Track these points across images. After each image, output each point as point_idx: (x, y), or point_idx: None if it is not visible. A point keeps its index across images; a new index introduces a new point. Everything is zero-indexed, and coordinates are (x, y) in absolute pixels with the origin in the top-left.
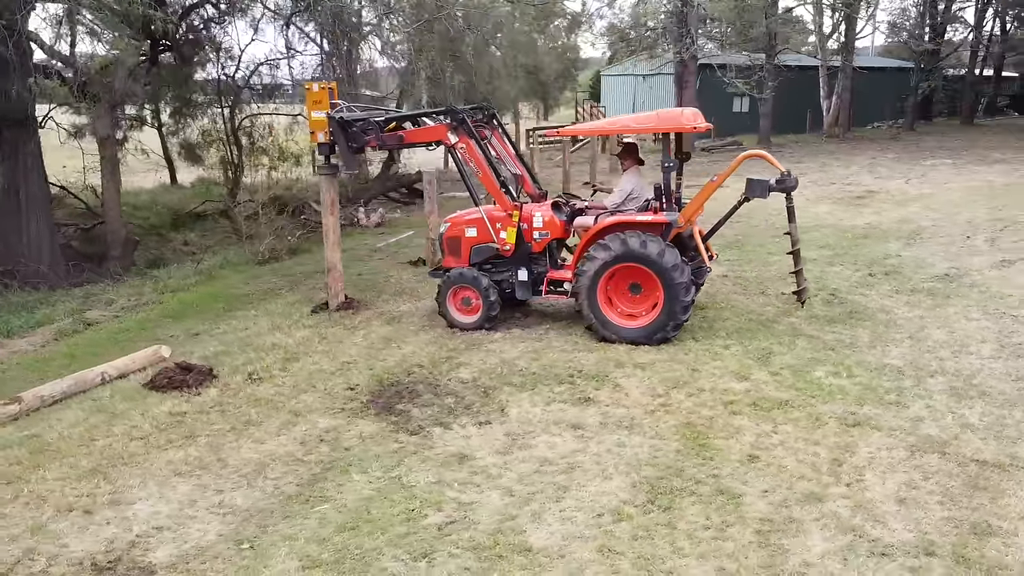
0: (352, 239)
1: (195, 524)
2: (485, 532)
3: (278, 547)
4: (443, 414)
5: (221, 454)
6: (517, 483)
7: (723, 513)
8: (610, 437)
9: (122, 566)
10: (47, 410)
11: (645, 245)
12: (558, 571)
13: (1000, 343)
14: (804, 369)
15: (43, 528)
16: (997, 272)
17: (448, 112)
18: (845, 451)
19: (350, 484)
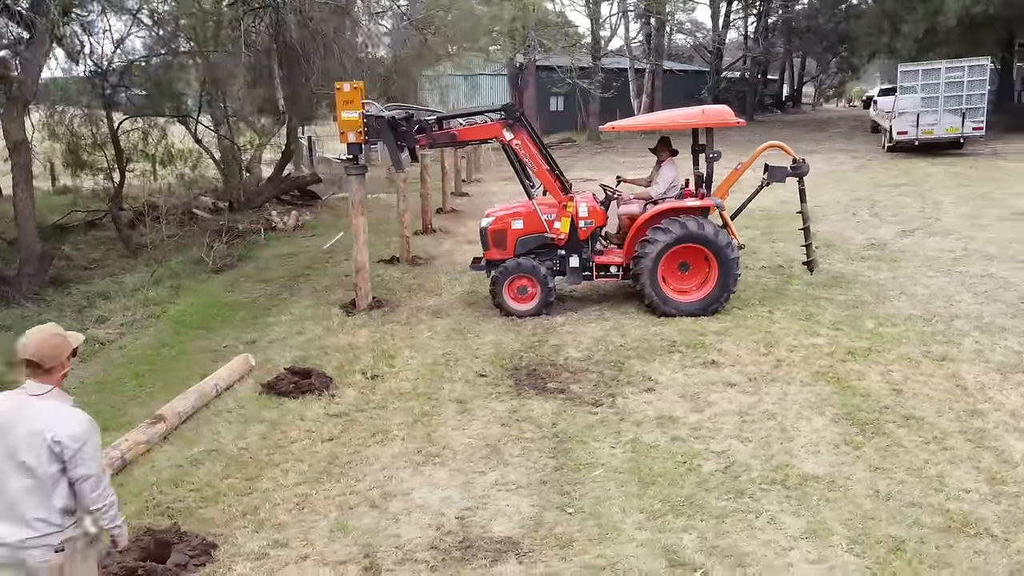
0: (290, 243)
1: (500, 500)
2: (766, 470)
3: (599, 506)
4: (601, 387)
5: (434, 443)
6: (740, 432)
7: (925, 432)
8: (770, 388)
9: (480, 540)
10: (189, 426)
11: (702, 227)
12: (863, 486)
13: (972, 292)
14: (854, 324)
15: (348, 526)
16: (908, 240)
17: (504, 109)
18: (954, 378)
19: (598, 451)
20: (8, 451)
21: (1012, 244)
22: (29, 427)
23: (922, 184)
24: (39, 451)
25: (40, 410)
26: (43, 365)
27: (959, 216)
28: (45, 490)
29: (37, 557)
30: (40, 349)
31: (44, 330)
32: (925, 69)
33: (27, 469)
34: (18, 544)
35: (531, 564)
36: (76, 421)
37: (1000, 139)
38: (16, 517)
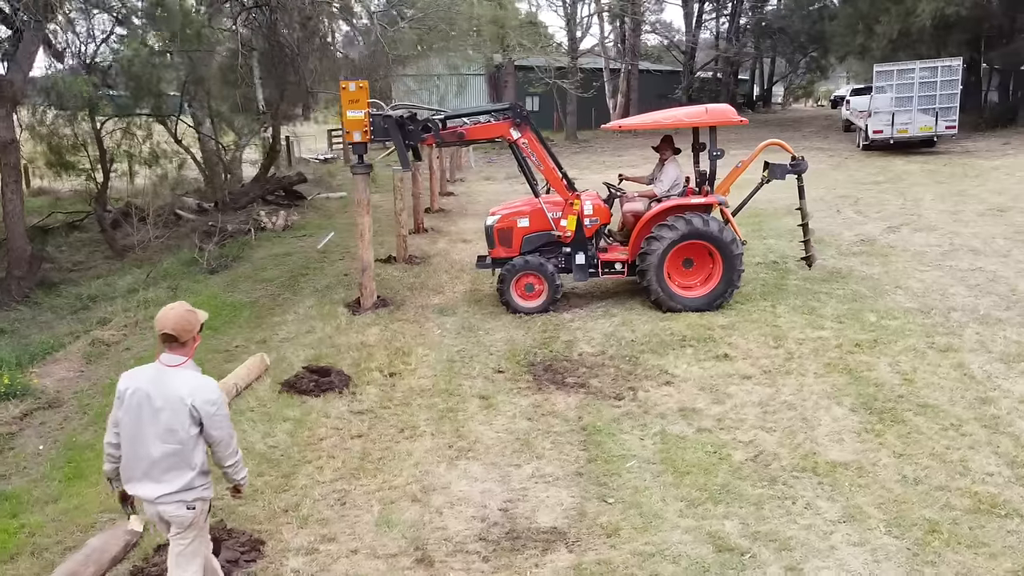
0: (281, 243)
1: (539, 492)
2: (795, 458)
3: (638, 496)
4: (620, 381)
5: (464, 438)
6: (763, 422)
7: (941, 419)
8: (786, 380)
9: (527, 531)
10: None
11: (707, 223)
12: (890, 472)
13: (965, 285)
14: (856, 317)
15: (393, 520)
16: (895, 235)
17: (511, 109)
18: (960, 368)
19: (627, 443)
20: (151, 416)
21: (995, 239)
22: (170, 394)
23: (900, 181)
24: (181, 416)
25: (179, 379)
26: (179, 338)
27: (940, 212)
28: (185, 451)
29: (171, 511)
30: (177, 324)
31: (177, 307)
32: (899, 69)
33: (170, 432)
34: (157, 499)
35: (581, 553)
36: (211, 388)
37: (970, 138)
38: (157, 476)
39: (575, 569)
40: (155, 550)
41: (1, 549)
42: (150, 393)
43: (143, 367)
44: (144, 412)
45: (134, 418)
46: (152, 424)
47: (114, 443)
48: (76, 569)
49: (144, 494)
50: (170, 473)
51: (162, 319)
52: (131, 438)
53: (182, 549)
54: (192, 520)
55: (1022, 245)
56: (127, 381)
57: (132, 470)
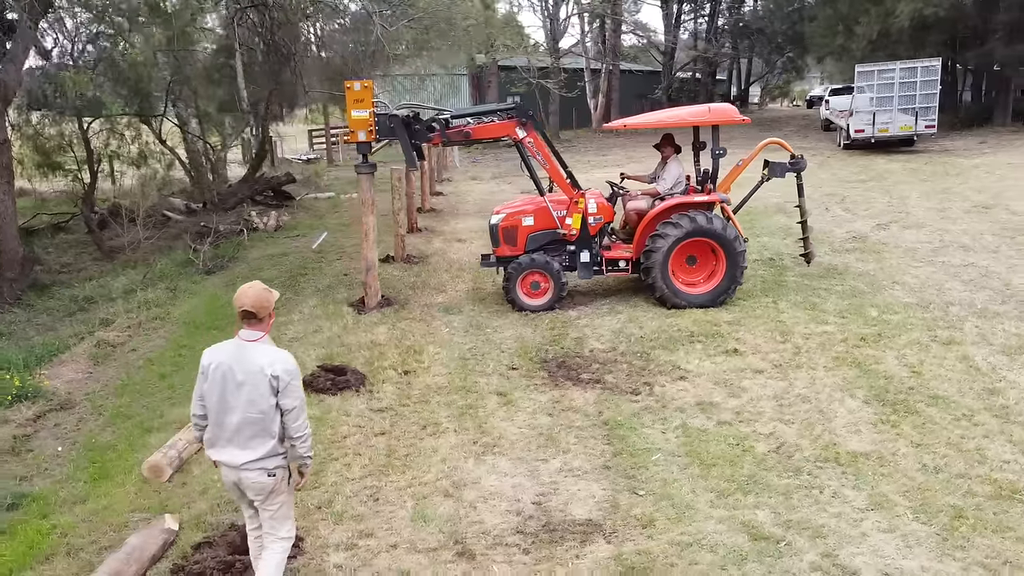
0: (274, 244)
1: (570, 486)
2: (816, 449)
3: (668, 488)
4: (635, 376)
5: (487, 434)
6: (781, 415)
7: (953, 410)
8: (798, 374)
9: (563, 523)
10: None
11: (711, 221)
12: (910, 461)
13: (959, 280)
14: (857, 312)
15: (428, 515)
16: (885, 232)
17: (516, 109)
18: (965, 360)
19: (650, 436)
20: (234, 389)
21: (983, 235)
22: (251, 367)
23: (884, 180)
24: (261, 386)
25: (258, 351)
26: (258, 315)
27: (927, 209)
28: (266, 421)
29: (253, 478)
30: (256, 301)
31: (256, 286)
32: (880, 70)
33: (251, 403)
34: (241, 465)
35: (620, 543)
36: (288, 359)
37: (947, 136)
38: (240, 443)
39: (616, 560)
40: (194, 548)
41: (36, 550)
42: (232, 367)
43: (224, 343)
44: (227, 385)
45: (218, 391)
46: (235, 396)
47: (200, 415)
48: (119, 568)
49: (228, 459)
50: (253, 441)
51: (241, 297)
52: (216, 409)
53: (273, 513)
54: (273, 487)
55: (1010, 241)
56: (210, 356)
57: (217, 438)
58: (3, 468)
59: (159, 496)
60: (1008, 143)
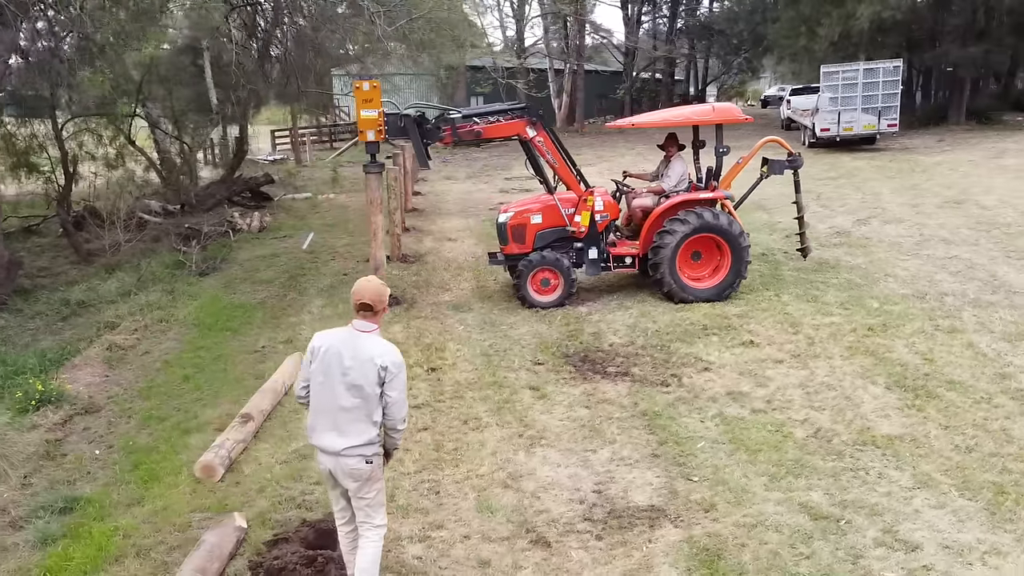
0: (261, 245)
1: (624, 474)
2: (851, 433)
3: (720, 473)
4: (660, 369)
5: (530, 426)
6: (810, 402)
7: (971, 394)
8: (817, 363)
9: (627, 510)
10: (273, 424)
11: (717, 217)
12: (942, 442)
13: (947, 272)
14: (859, 303)
15: (493, 505)
16: (867, 228)
17: (526, 109)
18: (971, 347)
19: (690, 425)
20: (341, 373)
21: (960, 229)
22: (361, 355)
23: (853, 177)
24: (369, 374)
25: (369, 342)
26: (374, 308)
27: (901, 205)
28: (368, 408)
29: (352, 464)
30: (374, 295)
31: (373, 281)
32: (844, 70)
33: (357, 388)
34: (340, 451)
35: (688, 527)
36: (397, 352)
37: (906, 135)
38: (342, 429)
39: (687, 542)
40: (267, 545)
41: (104, 552)
42: (341, 351)
43: (335, 329)
44: (334, 368)
45: (325, 373)
46: (341, 380)
47: (303, 396)
48: (203, 565)
49: (328, 444)
50: (354, 426)
51: (361, 290)
52: (320, 391)
53: (369, 501)
54: (370, 473)
55: (986, 235)
56: (321, 340)
57: (318, 422)
58: (43, 473)
59: (215, 496)
60: (964, 141)
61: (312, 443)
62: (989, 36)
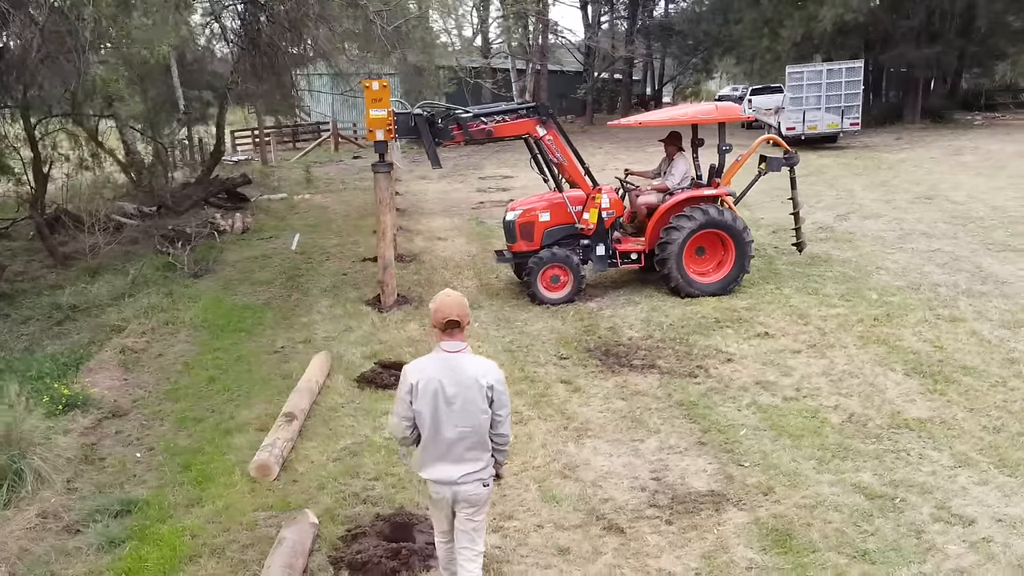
0: (247, 246)
1: (677, 462)
2: (883, 417)
3: (769, 459)
4: (685, 361)
5: (573, 419)
6: (837, 389)
7: (986, 378)
8: (833, 353)
9: (689, 495)
10: (314, 423)
11: (722, 213)
12: (971, 423)
13: (935, 264)
14: (859, 295)
15: (558, 495)
16: (848, 223)
17: (538, 108)
18: (974, 335)
19: (728, 414)
20: (446, 403)
21: (937, 223)
22: (464, 379)
23: (824, 174)
24: (476, 398)
25: (467, 362)
26: (462, 323)
27: (875, 201)
28: (480, 432)
29: (471, 490)
30: (461, 309)
31: (454, 294)
32: (809, 71)
33: (466, 415)
34: (459, 479)
35: (751, 510)
36: (497, 367)
37: (865, 133)
38: (454, 458)
39: (755, 523)
40: (344, 541)
41: (178, 552)
42: (442, 380)
43: (425, 359)
44: (438, 400)
45: (430, 407)
46: (447, 410)
47: (406, 436)
48: (290, 561)
49: (443, 476)
50: (468, 453)
51: (446, 306)
52: (429, 426)
53: (476, 525)
54: (485, 497)
55: (963, 229)
56: (416, 374)
57: (429, 456)
58: (86, 477)
59: (275, 494)
60: (920, 139)
61: (424, 477)
62: (941, 38)
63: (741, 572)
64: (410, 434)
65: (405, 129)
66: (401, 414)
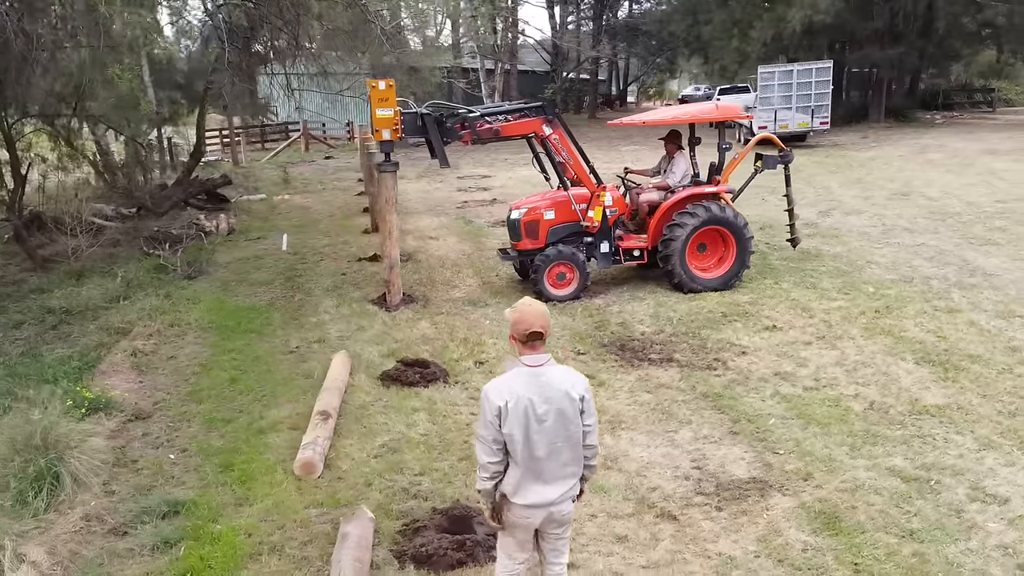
0: (235, 247)
1: (714, 451)
2: (903, 404)
3: (802, 446)
4: (701, 354)
5: (604, 412)
6: (853, 379)
7: (993, 365)
8: (843, 344)
9: (733, 483)
10: (347, 421)
11: (724, 210)
12: (987, 408)
13: (922, 258)
14: (855, 288)
15: (605, 486)
16: (831, 219)
17: (544, 107)
18: (973, 325)
19: (754, 404)
20: (537, 421)
21: (917, 219)
22: (555, 393)
23: (799, 172)
24: (569, 411)
25: (554, 375)
26: (545, 335)
27: (854, 198)
28: (572, 447)
29: (564, 510)
30: (545, 321)
31: (536, 303)
32: (780, 71)
33: (561, 430)
34: (553, 501)
35: (795, 495)
36: (582, 377)
37: (832, 132)
38: (551, 476)
39: (802, 507)
40: (404, 535)
41: (238, 551)
42: (532, 399)
43: (508, 378)
44: (530, 420)
45: (522, 428)
46: (539, 429)
47: (496, 460)
48: (359, 555)
49: (539, 499)
50: (565, 471)
51: (530, 317)
52: (521, 448)
53: (565, 540)
54: (572, 514)
55: (943, 224)
56: (503, 394)
57: (522, 480)
58: (122, 480)
59: (323, 491)
60: (886, 138)
61: (515, 503)
62: (904, 39)
63: (798, 554)
64: (499, 459)
65: (412, 129)
66: (490, 438)
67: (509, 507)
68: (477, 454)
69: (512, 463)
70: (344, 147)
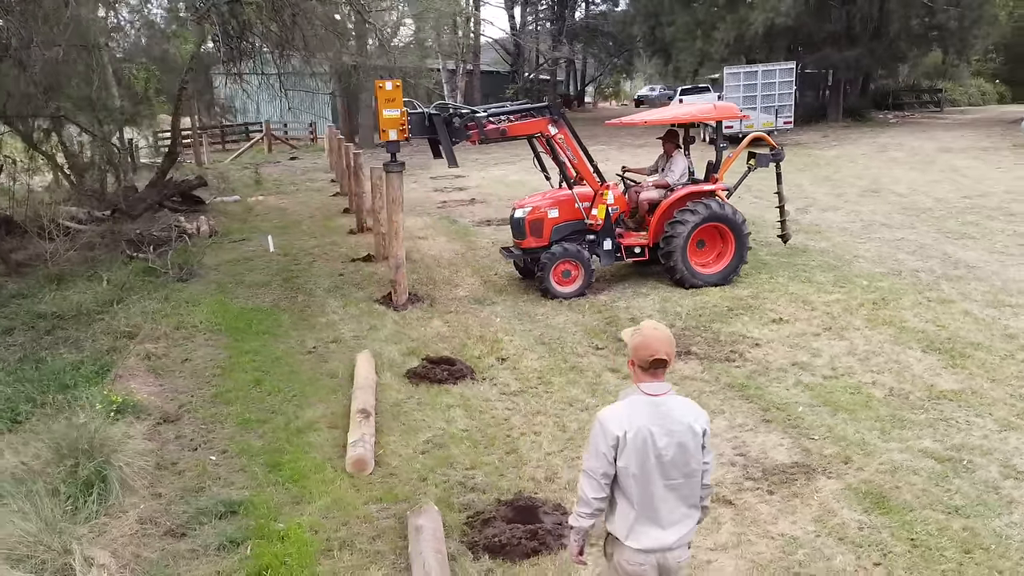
0: (220, 249)
1: (753, 438)
2: (921, 390)
3: (835, 432)
4: (716, 346)
5: None
6: (868, 367)
7: (995, 352)
8: (851, 335)
9: (778, 468)
10: (384, 418)
11: (723, 207)
12: (1000, 392)
13: (905, 252)
14: (849, 282)
15: None
16: (811, 216)
17: (549, 107)
18: (968, 314)
19: (778, 393)
20: (656, 456)
21: (892, 215)
22: (678, 426)
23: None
24: (691, 446)
25: (679, 407)
26: (669, 362)
27: (827, 195)
28: (692, 486)
29: (681, 558)
30: (672, 347)
31: (662, 327)
32: (745, 71)
33: (679, 467)
34: (671, 545)
35: (838, 477)
36: (703, 410)
37: (794, 132)
38: (667, 520)
39: (848, 489)
40: (472, 527)
41: (308, 548)
42: (652, 431)
43: (626, 405)
44: (649, 454)
45: (639, 462)
46: (657, 465)
47: (602, 497)
48: (437, 547)
49: (653, 544)
50: (679, 511)
51: (655, 343)
52: (637, 485)
53: None
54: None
55: (917, 219)
56: (623, 423)
57: (637, 521)
58: (166, 483)
59: (380, 487)
60: (845, 136)
61: (628, 545)
62: (860, 41)
63: (855, 532)
64: (606, 495)
65: (419, 129)
66: (600, 472)
67: (621, 552)
68: (581, 488)
69: (624, 501)
70: (307, 148)
